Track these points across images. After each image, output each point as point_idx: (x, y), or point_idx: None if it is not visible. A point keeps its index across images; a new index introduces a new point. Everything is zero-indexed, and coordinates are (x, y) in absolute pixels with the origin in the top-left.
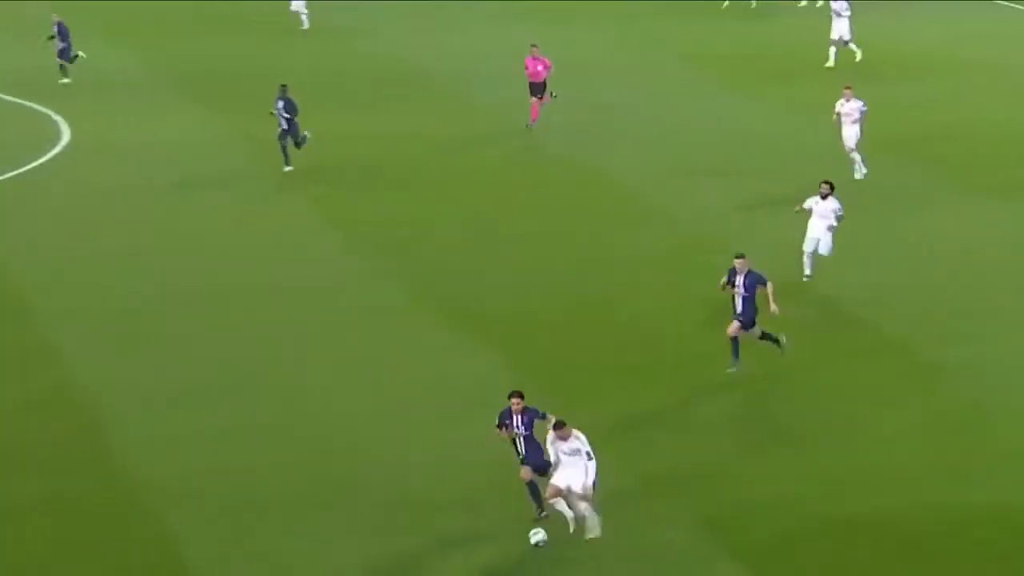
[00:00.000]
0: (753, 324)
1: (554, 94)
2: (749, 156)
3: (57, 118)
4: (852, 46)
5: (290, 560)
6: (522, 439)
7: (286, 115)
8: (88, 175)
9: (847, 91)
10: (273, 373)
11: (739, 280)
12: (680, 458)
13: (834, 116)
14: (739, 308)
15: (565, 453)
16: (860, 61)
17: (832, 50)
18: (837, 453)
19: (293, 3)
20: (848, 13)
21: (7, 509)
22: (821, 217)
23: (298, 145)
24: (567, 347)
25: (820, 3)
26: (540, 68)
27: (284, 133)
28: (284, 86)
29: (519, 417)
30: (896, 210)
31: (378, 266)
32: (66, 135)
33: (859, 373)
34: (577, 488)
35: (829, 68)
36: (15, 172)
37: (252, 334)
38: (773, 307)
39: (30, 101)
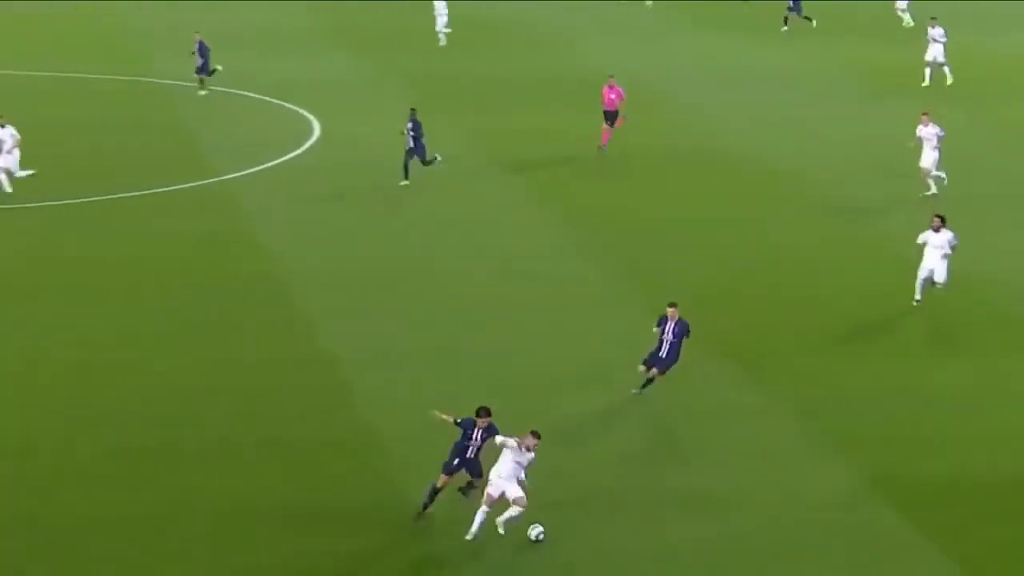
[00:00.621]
0: (670, 367)
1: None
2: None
3: (309, 116)
4: (946, 69)
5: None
6: (475, 450)
7: (413, 134)
8: (334, 163)
9: (924, 117)
10: (485, 340)
11: (669, 326)
12: (847, 420)
13: (914, 141)
14: (663, 352)
15: (518, 464)
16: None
17: (927, 71)
18: (984, 416)
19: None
20: (944, 40)
21: (270, 445)
22: (935, 248)
23: (426, 163)
24: (747, 318)
25: (907, 23)
26: (613, 97)
27: (411, 152)
28: (413, 109)
29: (480, 432)
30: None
31: (582, 245)
32: (316, 130)
33: (988, 345)
34: (514, 497)
35: (925, 87)
36: (276, 161)
37: (471, 305)
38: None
39: (287, 102)
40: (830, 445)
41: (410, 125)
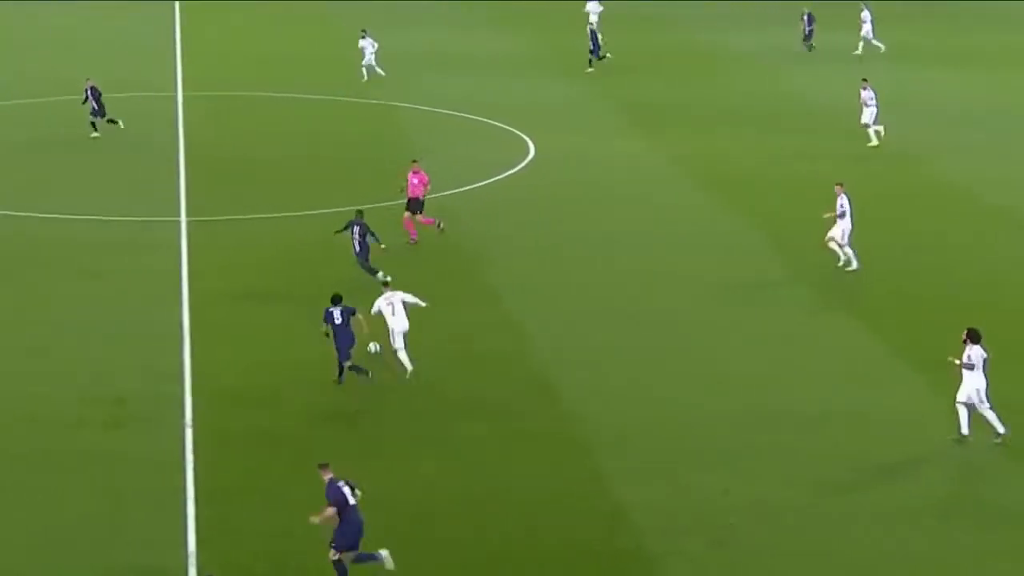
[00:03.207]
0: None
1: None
2: None
3: (525, 137)
4: (871, 131)
5: (704, 491)
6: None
7: (360, 238)
8: (549, 181)
9: (837, 187)
10: (683, 342)
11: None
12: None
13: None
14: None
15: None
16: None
17: (871, 131)
18: None
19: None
20: (874, 103)
21: (473, 439)
22: (967, 366)
23: (368, 269)
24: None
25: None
26: (416, 182)
27: (360, 255)
28: (360, 211)
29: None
30: None
31: (780, 260)
32: (532, 150)
33: None
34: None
35: (873, 147)
36: (494, 179)
37: (665, 310)
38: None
39: (503, 123)
40: None
41: (357, 228)
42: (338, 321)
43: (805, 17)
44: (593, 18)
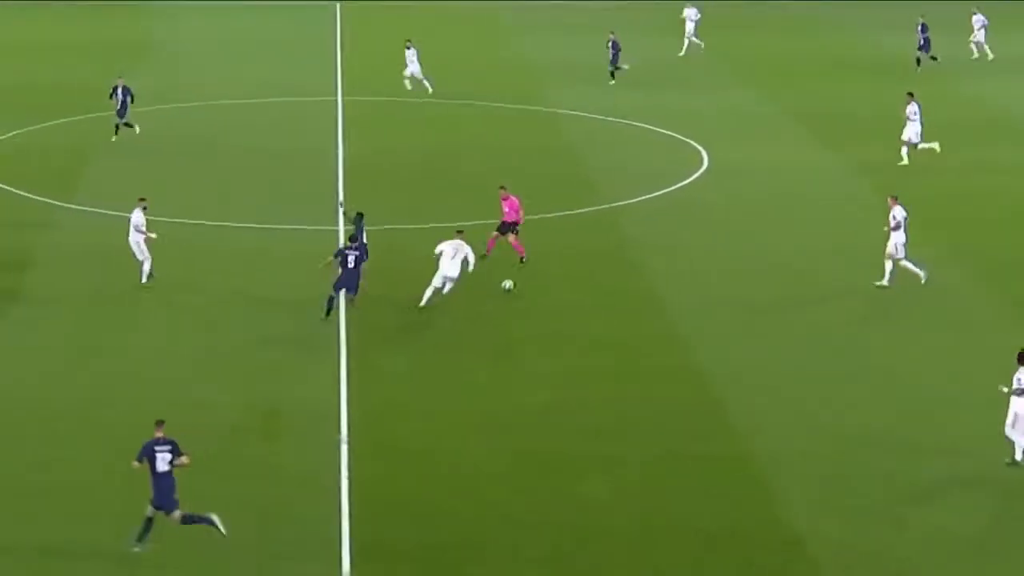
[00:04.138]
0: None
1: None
2: None
3: (698, 146)
4: (924, 146)
5: (881, 523)
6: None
7: (363, 242)
8: (722, 192)
9: (891, 199)
10: (858, 365)
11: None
12: None
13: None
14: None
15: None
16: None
17: (904, 150)
18: None
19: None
20: (917, 117)
21: (643, 460)
22: (1017, 392)
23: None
24: None
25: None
26: (507, 208)
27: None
28: (360, 214)
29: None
30: None
31: (966, 274)
32: (706, 160)
33: None
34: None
35: (903, 166)
36: (667, 190)
37: (841, 326)
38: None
39: (676, 133)
40: None
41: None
42: (351, 266)
43: (919, 26)
44: (690, 25)
